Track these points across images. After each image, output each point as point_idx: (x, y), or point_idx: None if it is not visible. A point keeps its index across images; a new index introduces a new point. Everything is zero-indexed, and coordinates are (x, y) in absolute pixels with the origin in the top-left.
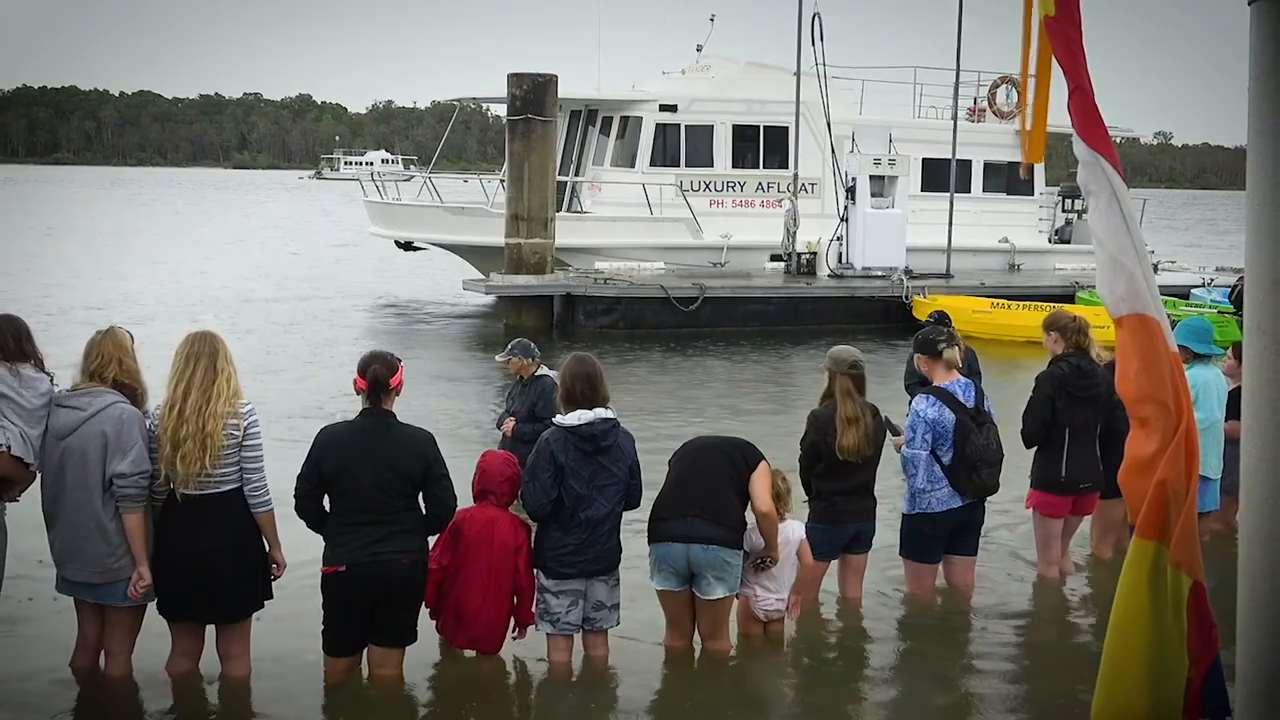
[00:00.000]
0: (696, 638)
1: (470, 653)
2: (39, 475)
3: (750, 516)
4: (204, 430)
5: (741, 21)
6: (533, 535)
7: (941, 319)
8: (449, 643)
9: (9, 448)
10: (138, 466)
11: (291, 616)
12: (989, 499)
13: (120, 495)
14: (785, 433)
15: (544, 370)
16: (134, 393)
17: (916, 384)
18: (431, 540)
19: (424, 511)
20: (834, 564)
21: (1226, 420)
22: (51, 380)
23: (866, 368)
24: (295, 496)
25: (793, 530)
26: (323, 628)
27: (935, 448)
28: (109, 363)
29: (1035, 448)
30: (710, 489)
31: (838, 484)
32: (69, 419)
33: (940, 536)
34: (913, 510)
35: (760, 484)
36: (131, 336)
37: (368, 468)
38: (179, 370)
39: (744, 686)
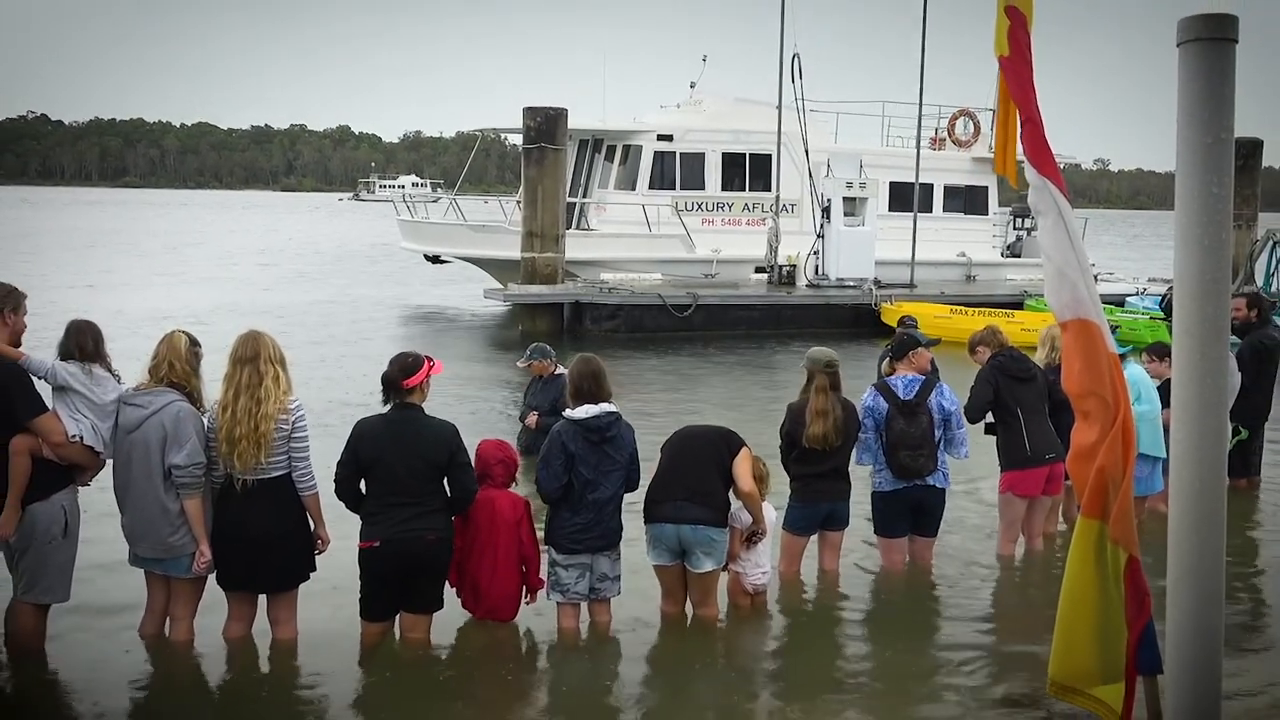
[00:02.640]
0: (688, 606)
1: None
2: (110, 464)
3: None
4: (257, 430)
5: (730, 61)
6: (532, 509)
7: (908, 323)
8: (471, 615)
9: (81, 438)
10: (192, 459)
11: (332, 584)
12: (958, 488)
13: (178, 483)
14: (768, 422)
15: (561, 369)
16: (187, 392)
17: None
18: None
19: (449, 494)
20: (814, 541)
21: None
22: (118, 380)
23: (840, 365)
24: (335, 481)
25: (768, 513)
26: (359, 596)
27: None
28: (162, 364)
29: (999, 440)
30: (698, 475)
31: (811, 468)
32: (134, 416)
33: (899, 514)
34: (873, 489)
35: (742, 468)
36: (190, 339)
37: (399, 456)
38: (228, 374)
39: (732, 647)
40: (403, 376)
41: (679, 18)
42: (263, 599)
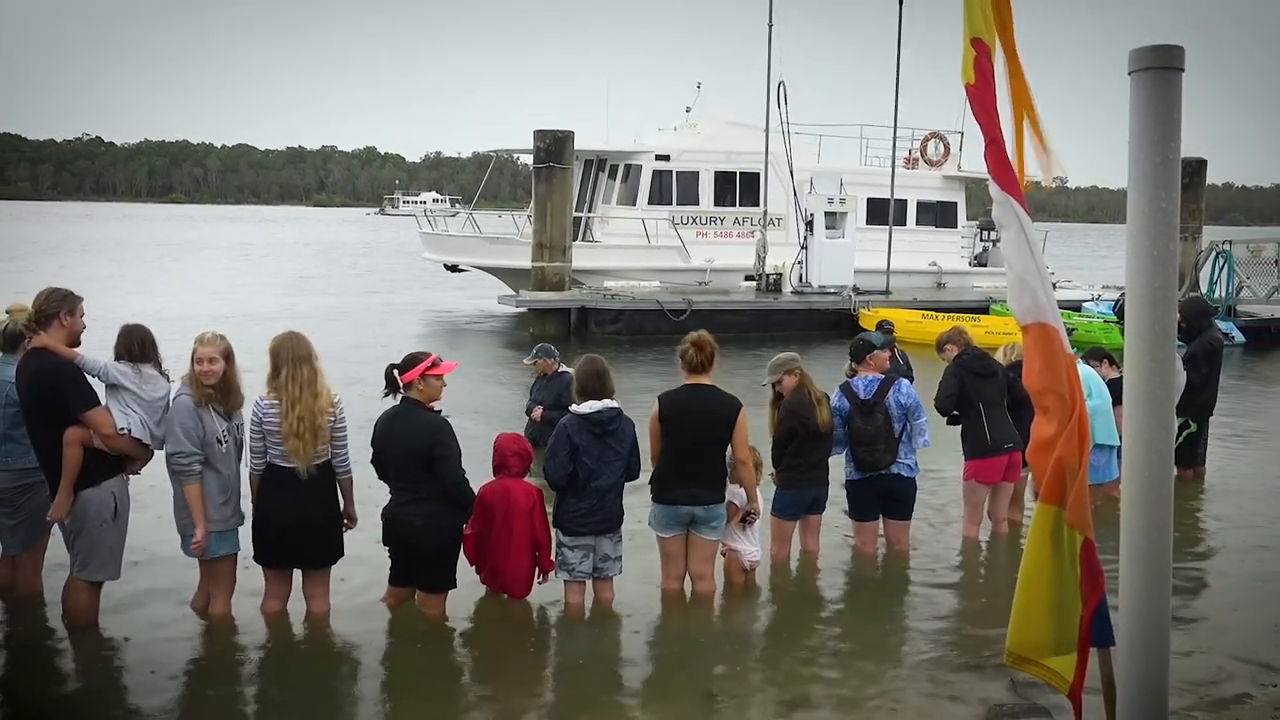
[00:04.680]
0: (686, 582)
1: (505, 596)
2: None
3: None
4: (315, 423)
5: (722, 87)
6: (544, 498)
7: (886, 327)
8: (489, 590)
9: (129, 430)
10: (175, 448)
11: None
12: (928, 477)
13: (170, 470)
14: (755, 414)
15: (564, 368)
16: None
17: None
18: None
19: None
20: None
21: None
22: (167, 379)
23: (822, 364)
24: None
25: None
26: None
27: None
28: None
29: (962, 431)
30: (707, 465)
31: (804, 457)
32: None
33: (868, 500)
34: (845, 478)
35: (740, 437)
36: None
37: (395, 446)
38: (285, 373)
39: (725, 619)
40: (395, 372)
41: (680, 20)
42: (297, 577)
